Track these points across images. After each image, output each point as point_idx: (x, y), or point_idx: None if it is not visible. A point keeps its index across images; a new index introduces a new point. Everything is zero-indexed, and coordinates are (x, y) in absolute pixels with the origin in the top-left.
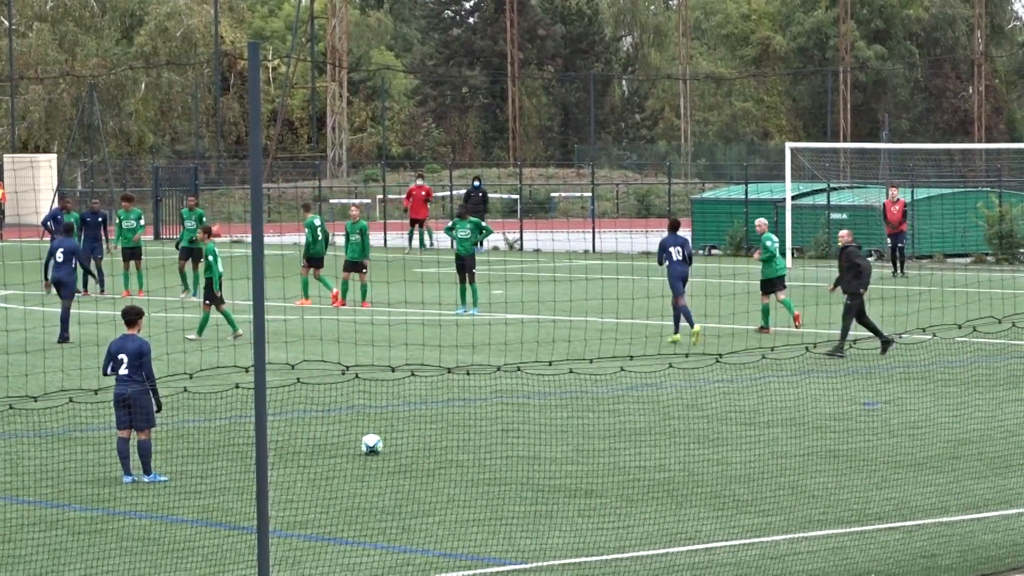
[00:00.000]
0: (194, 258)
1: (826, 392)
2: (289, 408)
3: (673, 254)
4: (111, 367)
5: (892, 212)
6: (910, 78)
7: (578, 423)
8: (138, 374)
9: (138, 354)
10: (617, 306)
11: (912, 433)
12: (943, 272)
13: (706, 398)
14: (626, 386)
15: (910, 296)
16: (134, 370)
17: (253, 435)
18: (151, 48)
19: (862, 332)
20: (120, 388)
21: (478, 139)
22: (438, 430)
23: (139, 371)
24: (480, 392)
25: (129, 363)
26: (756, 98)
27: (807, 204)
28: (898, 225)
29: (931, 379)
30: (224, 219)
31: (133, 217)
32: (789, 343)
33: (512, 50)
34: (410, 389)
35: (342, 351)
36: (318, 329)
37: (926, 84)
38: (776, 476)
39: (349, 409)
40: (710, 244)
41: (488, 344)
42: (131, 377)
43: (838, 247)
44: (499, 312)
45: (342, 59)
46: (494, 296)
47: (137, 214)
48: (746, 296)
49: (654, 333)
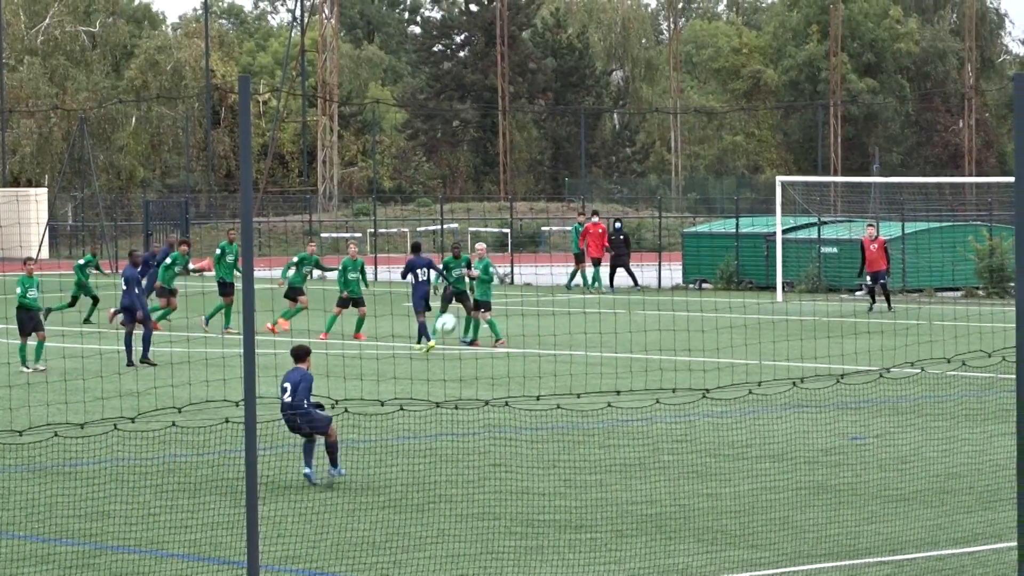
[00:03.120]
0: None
1: (815, 426)
2: (279, 442)
3: (419, 275)
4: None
5: (871, 251)
6: (901, 111)
7: (568, 457)
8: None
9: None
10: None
11: (901, 467)
12: (933, 306)
13: (695, 432)
14: (616, 420)
15: (899, 330)
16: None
17: (243, 469)
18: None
19: (849, 366)
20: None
21: (469, 173)
22: (428, 464)
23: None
24: (469, 426)
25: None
26: (747, 132)
27: (798, 238)
28: (877, 264)
29: (920, 413)
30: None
31: (232, 252)
32: (777, 377)
33: (503, 84)
34: (399, 423)
35: (331, 385)
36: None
37: (917, 118)
38: (766, 510)
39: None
40: (701, 278)
41: (476, 378)
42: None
43: None
44: (486, 346)
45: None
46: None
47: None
48: (741, 330)
49: (640, 368)
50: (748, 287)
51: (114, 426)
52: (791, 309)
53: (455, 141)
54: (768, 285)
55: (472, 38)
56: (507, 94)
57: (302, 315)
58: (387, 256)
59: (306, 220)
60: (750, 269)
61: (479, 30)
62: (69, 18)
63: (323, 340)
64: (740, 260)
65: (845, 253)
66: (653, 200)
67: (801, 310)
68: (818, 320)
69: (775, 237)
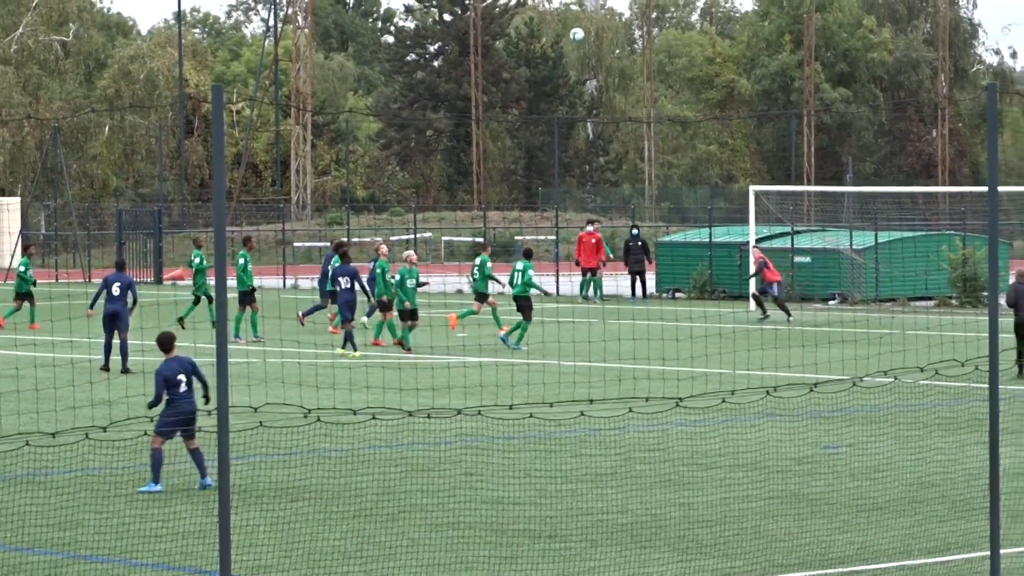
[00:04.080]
0: (251, 301)
1: (788, 435)
2: (252, 451)
3: (343, 283)
4: (169, 388)
5: (768, 271)
6: (874, 121)
7: (541, 466)
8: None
9: (194, 368)
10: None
11: (874, 476)
12: (906, 315)
13: (669, 441)
14: (589, 429)
15: (872, 339)
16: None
17: (216, 478)
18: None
19: (822, 375)
20: (187, 404)
21: (442, 182)
22: (400, 473)
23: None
24: (442, 436)
25: (188, 380)
26: (720, 141)
27: (771, 247)
28: (771, 276)
29: (893, 422)
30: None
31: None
32: (750, 386)
33: (476, 93)
34: (372, 432)
35: (304, 394)
36: (280, 372)
37: (890, 127)
38: (739, 519)
39: (311, 452)
40: (674, 287)
41: (449, 387)
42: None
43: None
44: (458, 355)
45: (306, 102)
46: (456, 339)
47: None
48: (715, 339)
49: (613, 377)
50: (722, 297)
51: (85, 435)
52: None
53: (428, 150)
54: (741, 294)
55: (446, 48)
56: (480, 103)
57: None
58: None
59: (279, 229)
60: (723, 278)
61: (453, 39)
62: (43, 27)
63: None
64: (713, 270)
65: (819, 262)
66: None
67: (775, 319)
68: (792, 329)
69: (748, 246)
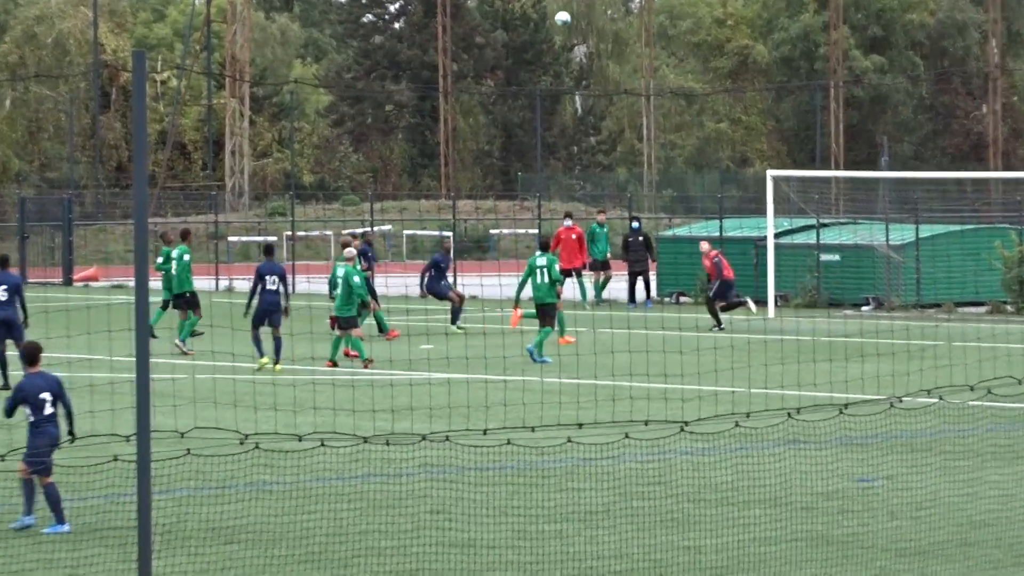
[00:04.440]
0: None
1: (814, 466)
2: (177, 484)
3: (267, 282)
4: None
5: (725, 267)
6: (913, 94)
7: (520, 503)
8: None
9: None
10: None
11: (917, 515)
12: (952, 324)
13: (672, 473)
14: (577, 458)
15: (913, 352)
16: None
17: (135, 517)
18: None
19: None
20: (53, 428)
21: (404, 166)
22: (354, 511)
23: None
24: (403, 466)
25: (54, 401)
26: (732, 118)
27: (793, 243)
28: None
29: (939, 451)
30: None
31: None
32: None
33: (444, 61)
34: (321, 462)
35: (240, 416)
36: (212, 391)
37: (932, 101)
38: (757, 566)
39: (248, 486)
40: (677, 291)
41: (412, 408)
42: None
43: None
44: (423, 370)
45: (243, 71)
46: (420, 352)
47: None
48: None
49: (606, 396)
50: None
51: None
52: (786, 327)
53: (388, 128)
54: (758, 299)
55: (408, 7)
56: (449, 73)
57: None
58: (306, 264)
59: (211, 221)
60: (737, 280)
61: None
62: None
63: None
64: None
65: (849, 261)
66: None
67: (798, 328)
68: (817, 340)
69: (766, 242)
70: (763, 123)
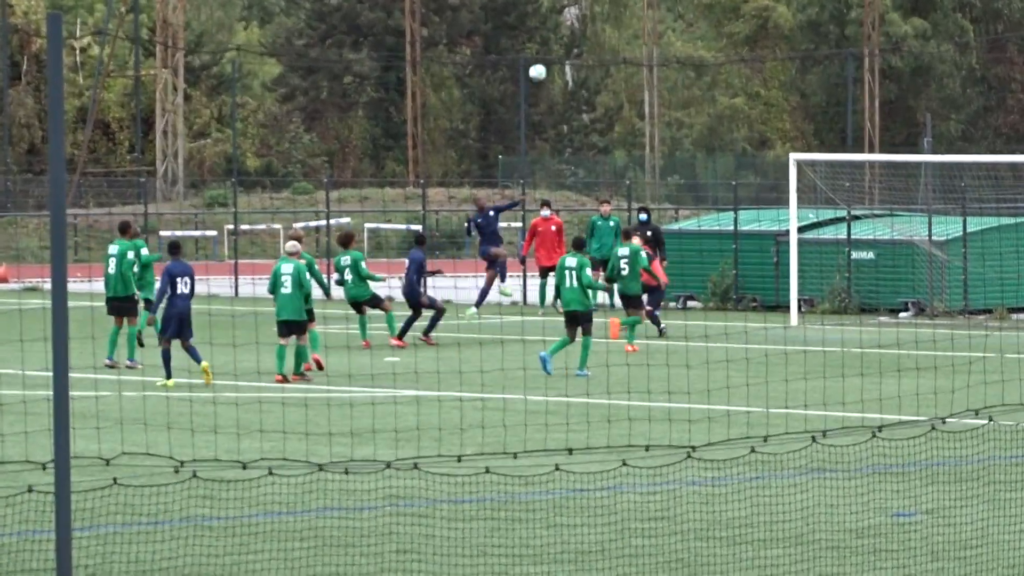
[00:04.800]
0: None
1: (843, 498)
2: (102, 519)
3: (179, 285)
4: None
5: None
6: (961, 65)
7: (501, 541)
8: None
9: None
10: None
11: (963, 555)
12: (1006, 332)
13: (677, 506)
14: (567, 490)
15: (959, 365)
16: None
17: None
18: None
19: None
20: None
21: (366, 148)
22: (308, 550)
23: None
24: (365, 498)
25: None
26: (750, 92)
27: (819, 238)
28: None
29: (988, 480)
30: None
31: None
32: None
33: (412, 25)
34: (269, 493)
35: (175, 441)
36: (141, 411)
37: (983, 73)
38: None
39: (185, 521)
40: (686, 294)
41: (375, 431)
42: None
43: None
44: (388, 386)
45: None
46: (384, 365)
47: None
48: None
49: (600, 417)
50: (751, 307)
51: None
52: (811, 337)
53: (346, 104)
54: (779, 304)
55: None
56: (418, 39)
57: None
58: (251, 263)
59: (140, 213)
60: (753, 282)
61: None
62: None
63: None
64: (740, 269)
65: (885, 259)
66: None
67: (824, 338)
68: (847, 352)
69: (788, 237)
70: (785, 98)
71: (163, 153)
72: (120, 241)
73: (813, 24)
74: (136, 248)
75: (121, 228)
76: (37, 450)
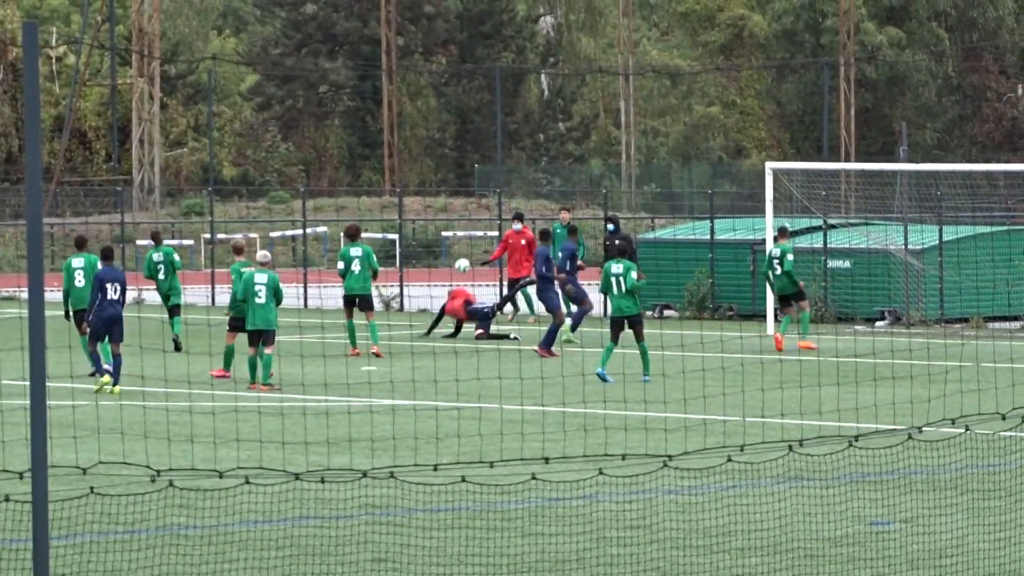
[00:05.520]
0: None
1: (820, 507)
2: (79, 528)
3: (109, 291)
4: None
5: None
6: (937, 73)
7: (478, 550)
8: None
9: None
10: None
11: (940, 564)
12: (982, 341)
13: (654, 515)
14: (543, 499)
15: (935, 374)
16: None
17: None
18: None
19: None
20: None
21: (342, 157)
22: (284, 559)
23: None
24: (341, 507)
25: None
26: (725, 101)
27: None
28: None
29: (965, 488)
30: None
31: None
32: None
33: (388, 34)
34: (245, 502)
35: (151, 450)
36: (118, 420)
37: (959, 82)
38: None
39: (161, 530)
40: (661, 303)
41: (351, 440)
42: None
43: None
44: (364, 395)
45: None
46: (360, 374)
47: None
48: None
49: (576, 426)
50: (728, 315)
51: None
52: (787, 345)
53: (322, 113)
54: (755, 313)
55: None
56: (394, 48)
57: None
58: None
59: (116, 223)
60: (730, 291)
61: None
62: None
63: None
64: (716, 278)
65: (861, 268)
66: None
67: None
68: (824, 360)
69: (764, 246)
70: (761, 107)
71: (139, 162)
72: (86, 255)
73: (788, 33)
74: (167, 255)
75: (77, 243)
76: (14, 459)
